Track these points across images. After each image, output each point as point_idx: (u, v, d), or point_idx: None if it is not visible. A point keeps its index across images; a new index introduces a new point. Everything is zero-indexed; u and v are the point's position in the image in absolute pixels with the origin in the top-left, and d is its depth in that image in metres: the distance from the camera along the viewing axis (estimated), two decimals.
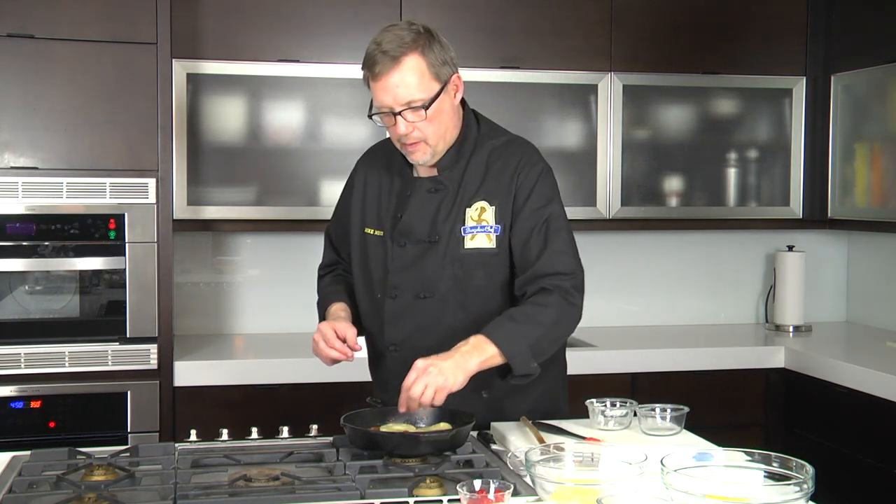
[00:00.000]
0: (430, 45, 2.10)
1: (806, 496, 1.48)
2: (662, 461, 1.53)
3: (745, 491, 1.47)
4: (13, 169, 3.15)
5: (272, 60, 3.56)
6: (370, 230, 2.29)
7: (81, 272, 3.22)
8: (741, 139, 4.00)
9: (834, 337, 4.11)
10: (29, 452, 1.95)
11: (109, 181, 3.19)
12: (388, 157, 2.32)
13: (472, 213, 2.20)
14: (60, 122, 3.17)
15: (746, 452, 1.63)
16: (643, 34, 3.86)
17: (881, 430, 3.21)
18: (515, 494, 1.61)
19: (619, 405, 2.15)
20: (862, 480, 3.29)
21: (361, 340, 2.28)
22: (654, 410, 2.10)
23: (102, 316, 3.24)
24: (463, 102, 2.25)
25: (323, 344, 2.18)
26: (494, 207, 2.19)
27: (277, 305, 3.95)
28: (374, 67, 2.09)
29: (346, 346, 2.17)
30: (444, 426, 2.00)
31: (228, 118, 3.58)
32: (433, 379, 1.96)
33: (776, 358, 3.72)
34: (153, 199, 3.22)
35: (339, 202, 2.46)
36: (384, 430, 2.00)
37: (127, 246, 3.21)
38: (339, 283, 2.43)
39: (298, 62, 3.58)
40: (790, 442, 3.64)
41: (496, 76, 3.71)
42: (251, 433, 2.10)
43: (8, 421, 3.13)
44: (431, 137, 2.15)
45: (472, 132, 2.25)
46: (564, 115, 3.83)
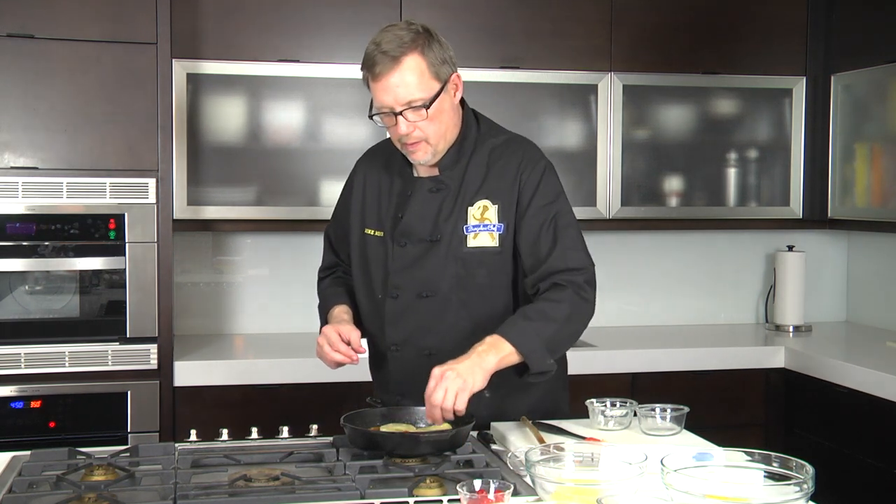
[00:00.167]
0: (429, 44, 2.10)
1: (806, 496, 1.48)
2: (662, 461, 1.53)
3: (745, 491, 1.47)
4: (13, 169, 3.15)
5: (272, 60, 3.56)
6: (370, 231, 2.29)
7: (81, 272, 3.22)
8: (741, 139, 4.00)
9: (834, 337, 4.11)
10: (29, 452, 1.95)
11: (109, 181, 3.19)
12: (387, 157, 2.32)
13: (474, 211, 2.19)
14: (60, 122, 3.18)
15: (746, 452, 1.63)
16: (643, 34, 3.86)
17: (881, 430, 3.20)
18: (515, 494, 1.61)
19: (619, 405, 2.15)
20: (862, 480, 3.29)
21: (364, 343, 2.28)
22: (654, 410, 2.10)
23: (102, 316, 3.24)
24: (462, 102, 2.24)
25: (327, 347, 2.17)
26: (497, 206, 2.19)
27: (277, 305, 3.95)
28: (374, 68, 2.08)
29: (350, 348, 2.17)
30: (444, 426, 1.99)
31: (228, 118, 3.58)
32: (451, 383, 1.94)
33: (776, 358, 3.72)
34: (153, 199, 3.22)
35: (338, 203, 2.45)
36: (384, 430, 2.00)
37: (127, 246, 3.21)
38: (339, 285, 2.42)
39: (298, 62, 3.58)
40: (790, 442, 3.64)
41: (496, 76, 3.71)
42: (251, 433, 2.10)
43: (8, 421, 3.13)
44: (432, 137, 2.15)
45: (471, 131, 2.25)
46: (564, 115, 3.83)
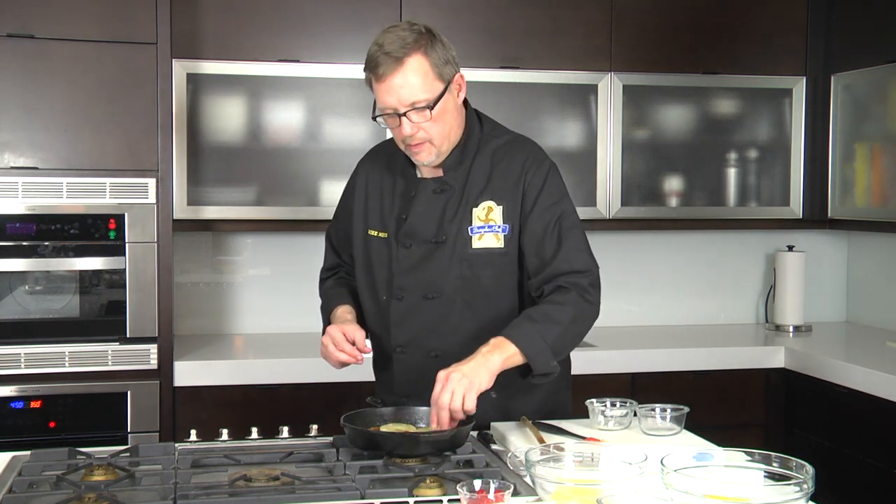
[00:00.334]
0: (432, 44, 2.09)
1: (806, 496, 1.48)
2: (662, 461, 1.52)
3: (745, 491, 1.47)
4: (13, 169, 3.15)
5: (272, 60, 3.56)
6: (373, 232, 2.28)
7: (81, 272, 3.22)
8: (741, 139, 4.00)
9: (834, 337, 4.11)
10: (29, 452, 1.95)
11: (109, 181, 3.19)
12: (389, 157, 2.31)
13: (479, 212, 2.19)
14: (60, 122, 3.17)
15: (746, 452, 1.63)
16: (643, 34, 3.86)
17: (881, 430, 3.20)
18: (515, 494, 1.61)
19: (619, 405, 2.15)
20: (862, 480, 3.29)
21: (369, 343, 2.27)
22: (654, 410, 2.10)
23: (102, 316, 3.24)
24: (465, 102, 2.24)
25: (332, 347, 2.17)
26: (502, 207, 2.18)
27: (277, 305, 3.95)
28: (377, 69, 2.07)
29: (355, 348, 2.16)
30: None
31: (228, 118, 3.58)
32: (457, 384, 1.93)
33: (776, 358, 3.72)
34: (153, 199, 3.22)
35: (339, 204, 2.45)
36: (384, 430, 2.00)
37: (127, 246, 3.21)
38: (342, 285, 2.42)
39: (298, 62, 3.58)
40: (790, 442, 3.64)
41: (496, 76, 3.71)
42: (251, 433, 2.10)
43: (8, 421, 3.13)
44: (436, 137, 2.14)
45: (475, 132, 2.24)
46: (564, 115, 3.83)
